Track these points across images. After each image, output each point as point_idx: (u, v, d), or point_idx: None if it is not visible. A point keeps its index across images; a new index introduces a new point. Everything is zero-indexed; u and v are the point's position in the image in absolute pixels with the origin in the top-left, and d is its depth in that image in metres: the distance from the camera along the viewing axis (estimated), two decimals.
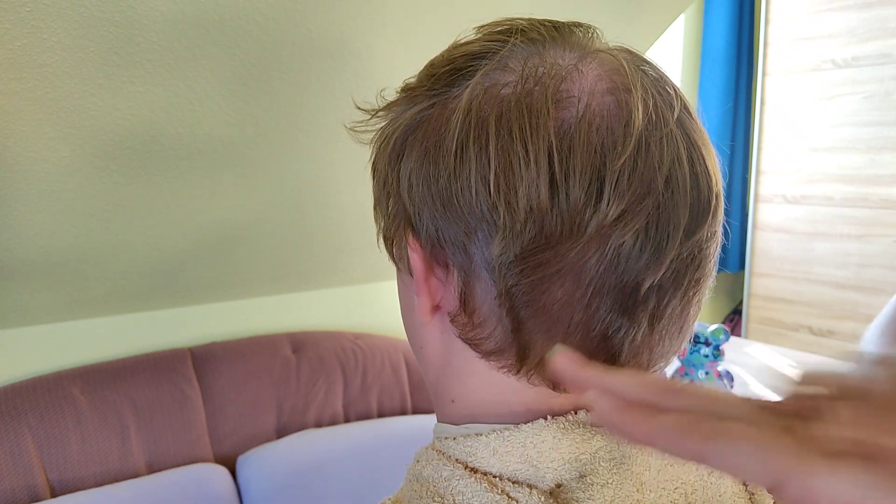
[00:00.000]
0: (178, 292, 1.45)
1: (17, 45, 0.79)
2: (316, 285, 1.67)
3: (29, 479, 1.20)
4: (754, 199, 2.69)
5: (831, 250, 2.48)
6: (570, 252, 0.33)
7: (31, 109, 0.89)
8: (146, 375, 1.37)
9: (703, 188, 0.35)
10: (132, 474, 1.30)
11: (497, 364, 0.37)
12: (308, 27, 0.97)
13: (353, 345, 1.62)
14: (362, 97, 0.42)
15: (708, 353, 1.59)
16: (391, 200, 0.39)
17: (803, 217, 2.55)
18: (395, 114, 0.39)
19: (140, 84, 0.93)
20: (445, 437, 0.39)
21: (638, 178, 0.33)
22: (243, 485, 1.37)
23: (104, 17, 0.81)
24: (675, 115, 0.35)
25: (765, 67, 2.59)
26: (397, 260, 0.40)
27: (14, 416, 1.23)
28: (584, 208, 0.33)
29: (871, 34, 2.22)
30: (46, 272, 1.20)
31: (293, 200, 1.33)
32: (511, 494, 0.35)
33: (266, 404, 1.47)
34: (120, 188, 1.09)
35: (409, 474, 0.40)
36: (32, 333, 1.33)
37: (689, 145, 0.35)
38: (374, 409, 1.61)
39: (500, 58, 0.36)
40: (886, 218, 2.33)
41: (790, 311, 2.63)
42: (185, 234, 1.27)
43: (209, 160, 1.12)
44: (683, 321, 0.37)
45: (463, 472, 0.36)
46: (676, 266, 0.35)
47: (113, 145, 1.00)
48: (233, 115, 1.06)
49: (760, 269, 2.70)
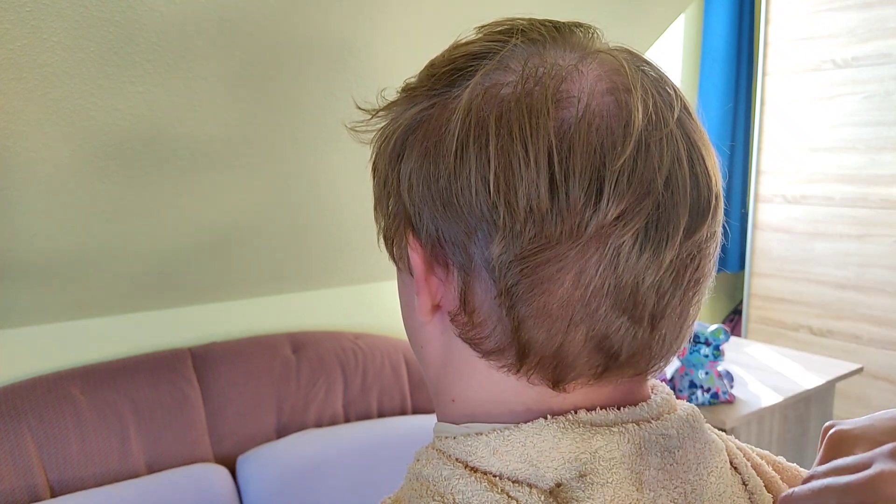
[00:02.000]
0: (178, 292, 1.45)
1: (17, 45, 0.79)
2: (316, 285, 1.67)
3: (29, 479, 1.20)
4: (754, 199, 2.69)
5: (831, 250, 2.48)
6: (570, 252, 0.33)
7: (31, 109, 0.89)
8: (146, 375, 1.37)
9: (702, 188, 0.35)
10: (132, 474, 1.30)
11: (497, 363, 0.37)
12: (308, 27, 0.97)
13: (353, 345, 1.62)
14: (362, 97, 0.42)
15: (708, 353, 1.59)
16: (391, 200, 0.39)
17: (803, 217, 2.55)
18: (396, 114, 0.39)
19: (140, 84, 0.93)
20: (445, 436, 0.39)
21: (638, 179, 0.33)
22: (243, 485, 1.37)
23: (104, 17, 0.81)
24: (675, 115, 0.35)
25: (765, 67, 2.59)
26: (397, 259, 0.41)
27: (14, 417, 1.23)
28: (584, 208, 0.33)
29: (871, 34, 2.22)
30: (46, 272, 1.20)
31: (293, 200, 1.33)
32: (511, 494, 0.35)
33: (266, 404, 1.48)
34: (120, 188, 1.09)
35: (409, 473, 0.40)
36: (32, 333, 1.33)
37: (688, 146, 0.35)
38: (374, 409, 1.61)
39: (501, 58, 0.36)
40: (886, 218, 2.33)
41: (790, 311, 2.63)
42: (186, 235, 1.27)
43: (209, 160, 1.12)
44: (683, 321, 0.37)
45: (463, 471, 0.36)
46: (676, 266, 0.35)
47: (113, 145, 1.00)
48: (233, 116, 1.06)
49: (760, 269, 2.70)
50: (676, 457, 0.37)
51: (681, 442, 0.38)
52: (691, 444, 0.38)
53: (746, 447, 0.46)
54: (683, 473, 0.38)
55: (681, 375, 1.63)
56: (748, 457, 0.44)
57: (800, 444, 1.82)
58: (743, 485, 0.42)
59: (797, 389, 1.70)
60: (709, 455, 0.39)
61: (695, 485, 0.38)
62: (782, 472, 0.45)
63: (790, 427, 1.76)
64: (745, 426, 1.60)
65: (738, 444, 0.45)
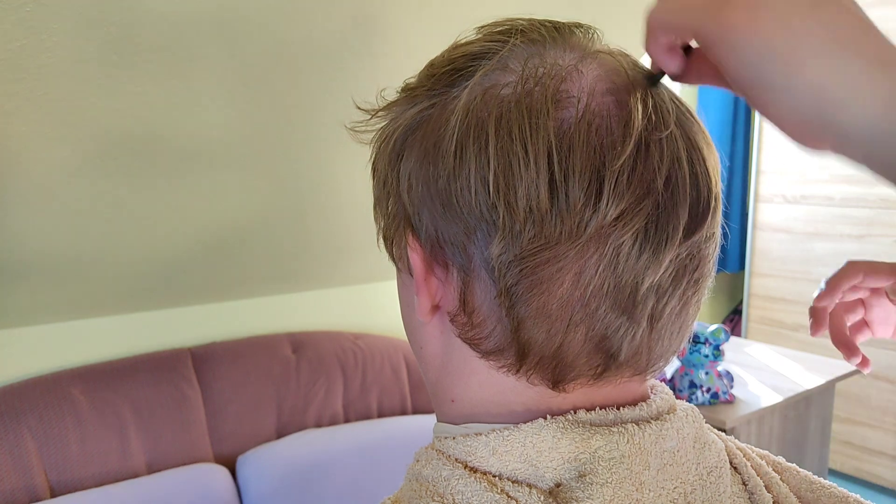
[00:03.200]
0: (179, 292, 1.45)
1: (17, 45, 0.79)
2: (316, 285, 1.67)
3: (29, 479, 1.20)
4: (754, 199, 2.69)
5: (831, 250, 2.48)
6: (570, 252, 0.33)
7: (31, 109, 0.89)
8: (146, 375, 1.37)
9: (702, 189, 0.35)
10: (132, 474, 1.30)
11: (496, 364, 0.37)
12: (308, 27, 0.97)
13: (353, 345, 1.62)
14: (362, 97, 0.42)
15: (708, 353, 1.59)
16: (391, 200, 0.39)
17: (803, 217, 2.55)
18: (395, 114, 0.39)
19: (140, 84, 0.93)
20: (445, 436, 0.39)
21: (637, 179, 0.33)
22: (243, 485, 1.37)
23: (104, 18, 0.81)
24: (674, 115, 0.35)
25: None
26: (397, 260, 0.41)
27: (14, 417, 1.23)
28: (584, 208, 0.33)
29: None
30: (46, 272, 1.20)
31: (293, 200, 1.33)
32: (511, 494, 0.35)
33: (266, 404, 1.48)
34: (120, 188, 1.09)
35: (409, 474, 0.40)
36: (32, 333, 1.33)
37: (688, 146, 0.35)
38: (374, 409, 1.61)
39: (500, 58, 0.36)
40: (886, 218, 2.33)
41: (790, 311, 2.63)
42: (185, 234, 1.27)
43: (209, 160, 1.12)
44: (682, 321, 0.37)
45: (462, 471, 0.36)
46: (675, 266, 0.35)
47: (113, 146, 1.00)
48: (232, 116, 1.06)
49: (760, 269, 2.70)
50: (676, 457, 0.37)
51: (680, 442, 0.38)
52: (691, 444, 0.38)
53: (746, 447, 0.46)
54: (683, 474, 0.38)
55: (681, 375, 1.63)
56: (748, 457, 0.44)
57: (800, 444, 1.82)
58: (743, 485, 0.42)
59: (797, 389, 1.70)
60: (708, 455, 0.39)
61: (694, 485, 0.38)
62: (782, 472, 0.45)
63: (790, 427, 1.76)
64: (745, 426, 1.60)
65: (738, 444, 0.45)
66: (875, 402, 2.43)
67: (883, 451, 2.42)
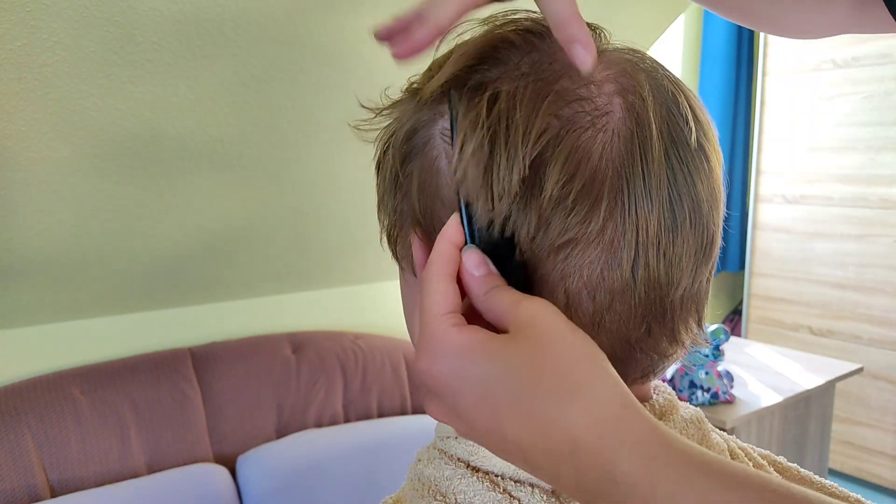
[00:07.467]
0: (178, 292, 1.45)
1: (17, 45, 0.79)
2: (316, 285, 1.67)
3: (29, 479, 1.20)
4: (754, 199, 2.69)
5: (831, 250, 2.48)
6: (575, 254, 0.33)
7: (31, 109, 0.89)
8: (146, 375, 1.37)
9: (708, 224, 0.36)
10: (132, 474, 1.30)
11: None
12: (308, 27, 0.97)
13: (353, 345, 1.62)
14: (363, 97, 0.42)
15: (708, 353, 1.59)
16: (397, 199, 0.39)
17: (803, 217, 2.55)
18: (400, 112, 0.39)
19: (140, 84, 0.93)
20: (447, 436, 0.39)
21: (647, 188, 0.33)
22: (243, 485, 1.37)
23: (104, 17, 0.81)
24: (693, 135, 0.35)
25: (765, 67, 2.59)
26: (401, 259, 0.40)
27: (14, 417, 1.23)
28: (589, 213, 0.33)
29: (870, 34, 2.22)
30: (46, 272, 1.20)
31: (293, 200, 1.33)
32: (513, 493, 0.35)
33: (266, 404, 1.47)
34: (120, 188, 1.09)
35: (411, 473, 0.40)
36: (32, 333, 1.33)
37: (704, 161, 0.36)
38: (373, 409, 1.61)
39: (503, 56, 0.36)
40: (886, 218, 2.33)
41: (790, 311, 2.63)
42: (186, 234, 1.27)
43: (209, 160, 1.12)
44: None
45: (465, 471, 0.36)
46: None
47: (113, 145, 1.00)
48: (233, 116, 1.06)
49: (760, 269, 2.70)
50: None
51: None
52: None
53: (748, 447, 0.46)
54: None
55: (681, 375, 1.63)
56: (750, 457, 0.44)
57: (800, 444, 1.82)
58: None
59: (797, 389, 1.70)
60: None
61: None
62: (783, 472, 0.45)
63: (790, 427, 1.76)
64: (745, 426, 1.60)
65: (740, 444, 0.45)
66: (875, 402, 2.43)
67: (883, 451, 2.42)
